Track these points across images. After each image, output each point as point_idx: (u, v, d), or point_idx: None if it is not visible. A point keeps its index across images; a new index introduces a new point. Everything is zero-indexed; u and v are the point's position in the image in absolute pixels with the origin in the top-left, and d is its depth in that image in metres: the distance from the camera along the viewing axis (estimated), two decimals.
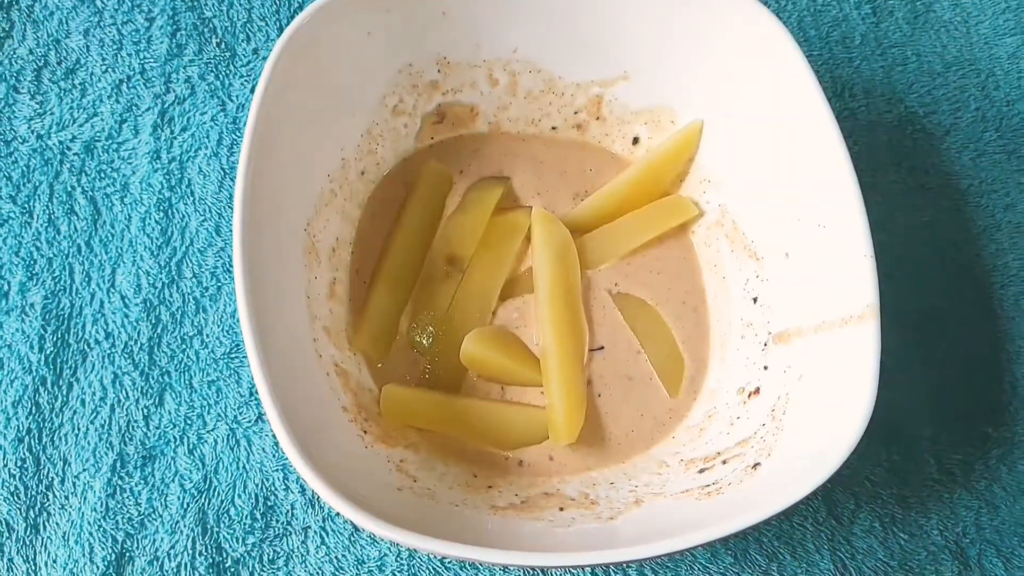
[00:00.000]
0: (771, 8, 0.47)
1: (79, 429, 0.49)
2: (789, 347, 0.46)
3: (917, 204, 0.57)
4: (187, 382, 0.50)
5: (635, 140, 0.54)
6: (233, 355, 0.51)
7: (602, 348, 0.50)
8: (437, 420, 0.47)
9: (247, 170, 0.42)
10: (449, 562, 0.48)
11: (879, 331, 0.40)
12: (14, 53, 0.57)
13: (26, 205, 0.54)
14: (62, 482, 0.48)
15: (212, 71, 0.57)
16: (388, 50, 0.49)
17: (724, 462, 0.43)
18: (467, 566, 0.47)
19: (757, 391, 0.46)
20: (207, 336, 0.51)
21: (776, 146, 0.48)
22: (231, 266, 0.53)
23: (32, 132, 0.55)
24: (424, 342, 0.49)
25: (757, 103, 0.48)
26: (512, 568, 0.44)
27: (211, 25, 0.59)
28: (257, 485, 0.48)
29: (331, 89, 0.48)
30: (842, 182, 0.43)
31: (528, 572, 0.45)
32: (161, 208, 0.54)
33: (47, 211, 0.54)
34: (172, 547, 0.47)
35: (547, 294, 0.49)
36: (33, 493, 0.48)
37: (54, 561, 0.47)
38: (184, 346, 0.51)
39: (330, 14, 0.46)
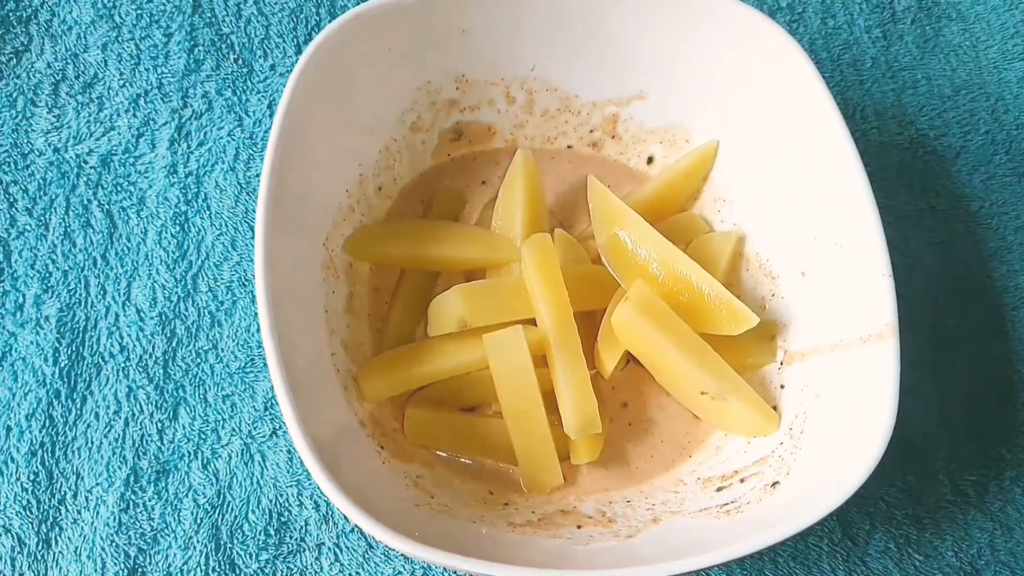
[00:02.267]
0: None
1: (92, 443, 0.49)
2: (806, 366, 0.46)
3: (928, 226, 0.57)
4: (202, 396, 0.50)
5: (650, 159, 0.55)
6: (248, 369, 0.51)
7: (629, 362, 0.50)
8: (461, 442, 0.47)
9: (269, 184, 0.42)
10: None
11: (899, 350, 0.41)
12: (32, 67, 0.57)
13: (42, 218, 0.54)
14: (75, 496, 0.48)
15: (229, 87, 0.58)
16: (408, 67, 0.49)
17: (742, 480, 0.43)
18: None
19: (774, 410, 0.46)
20: (222, 350, 0.51)
21: (792, 165, 0.48)
22: (247, 280, 0.53)
23: (49, 145, 0.56)
24: None
25: (773, 122, 0.49)
26: None
27: (229, 41, 0.59)
28: (271, 501, 0.48)
29: (351, 105, 0.48)
30: (859, 200, 0.44)
31: None
32: (177, 222, 0.54)
33: (63, 224, 0.54)
34: (185, 563, 0.47)
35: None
36: (45, 507, 0.48)
37: None
38: (199, 360, 0.51)
39: (352, 30, 0.46)
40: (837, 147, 0.45)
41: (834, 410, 0.43)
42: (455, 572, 0.47)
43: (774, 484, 0.42)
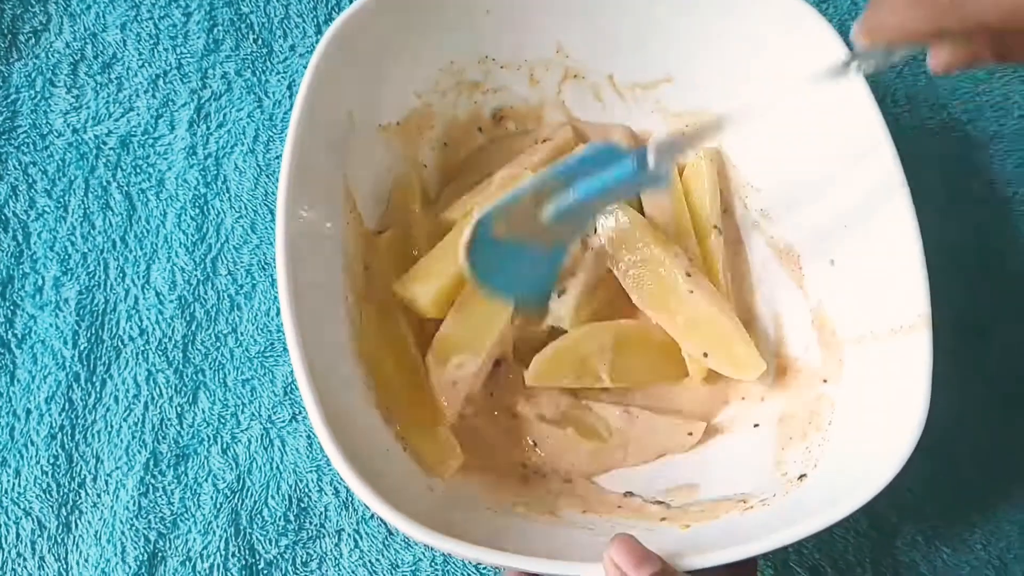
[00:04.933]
0: None
1: (112, 426, 0.49)
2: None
3: (961, 211, 0.56)
4: (221, 380, 0.50)
5: None
6: (267, 354, 0.51)
7: None
8: None
9: (291, 167, 0.41)
10: (484, 568, 0.47)
11: (931, 342, 0.40)
12: (51, 47, 0.57)
13: (61, 199, 0.53)
14: (95, 480, 0.48)
15: (249, 67, 0.57)
16: (431, 48, 0.49)
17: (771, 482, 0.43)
18: (501, 572, 0.47)
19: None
20: (242, 334, 0.51)
21: (822, 151, 0.47)
22: (266, 263, 0.52)
23: (68, 126, 0.55)
24: None
25: (803, 106, 0.48)
26: None
27: (248, 21, 0.58)
28: (291, 486, 0.48)
29: (372, 86, 0.47)
30: (892, 187, 0.43)
31: None
32: (196, 204, 0.54)
33: (82, 206, 0.53)
34: (205, 547, 0.47)
35: None
36: (65, 491, 0.48)
37: (86, 560, 0.46)
38: (218, 344, 0.51)
39: (374, 11, 0.45)
40: (870, 132, 0.44)
41: (864, 402, 0.42)
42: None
43: (801, 477, 0.41)
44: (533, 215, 0.42)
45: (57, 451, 0.48)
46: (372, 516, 0.48)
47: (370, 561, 0.47)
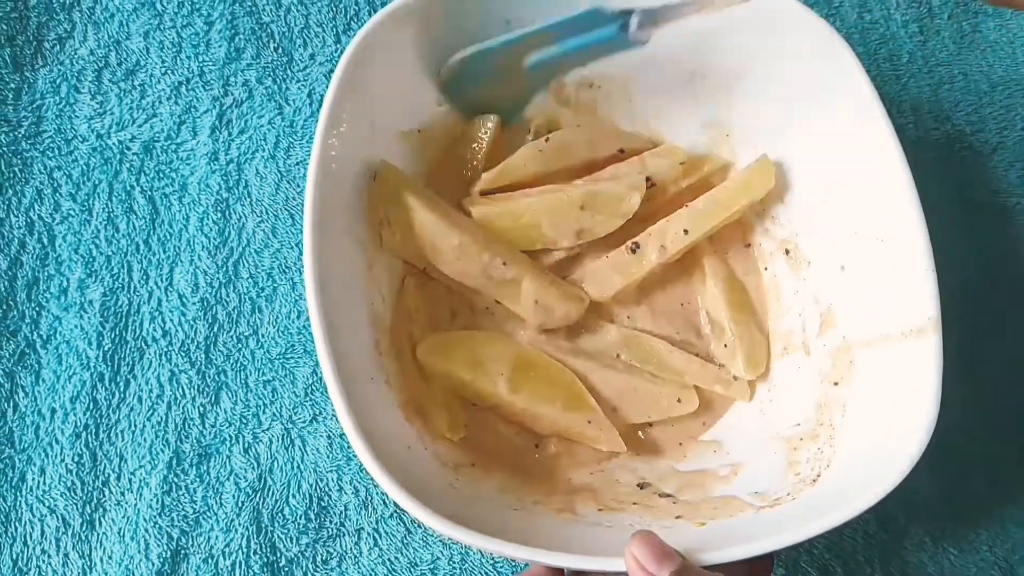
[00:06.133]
0: None
1: (136, 426, 0.50)
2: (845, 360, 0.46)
3: (964, 221, 0.57)
4: (243, 381, 0.51)
5: None
6: (288, 355, 0.51)
7: None
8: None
9: (317, 175, 0.42)
10: (501, 565, 0.48)
11: (941, 346, 0.41)
12: (75, 54, 0.58)
13: (86, 203, 0.54)
14: (118, 478, 0.49)
15: (270, 75, 0.58)
16: (452, 55, 0.50)
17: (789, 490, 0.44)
18: (519, 568, 0.48)
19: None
20: (263, 336, 0.52)
21: (832, 158, 0.48)
22: (287, 267, 0.53)
23: (92, 131, 0.56)
24: None
25: (813, 115, 0.49)
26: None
27: (269, 30, 0.59)
28: (311, 485, 0.49)
29: (395, 92, 0.48)
30: (902, 195, 0.44)
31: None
32: (219, 209, 0.55)
33: (106, 209, 0.54)
34: (227, 545, 0.47)
35: None
36: (89, 489, 0.48)
37: (110, 557, 0.47)
38: (240, 345, 0.52)
39: (398, 19, 0.46)
40: (880, 141, 0.45)
41: (874, 404, 0.43)
42: (492, 557, 0.47)
43: (814, 479, 0.42)
44: (516, 61, 0.49)
45: (81, 450, 0.49)
46: (391, 515, 0.48)
47: (389, 560, 0.48)
